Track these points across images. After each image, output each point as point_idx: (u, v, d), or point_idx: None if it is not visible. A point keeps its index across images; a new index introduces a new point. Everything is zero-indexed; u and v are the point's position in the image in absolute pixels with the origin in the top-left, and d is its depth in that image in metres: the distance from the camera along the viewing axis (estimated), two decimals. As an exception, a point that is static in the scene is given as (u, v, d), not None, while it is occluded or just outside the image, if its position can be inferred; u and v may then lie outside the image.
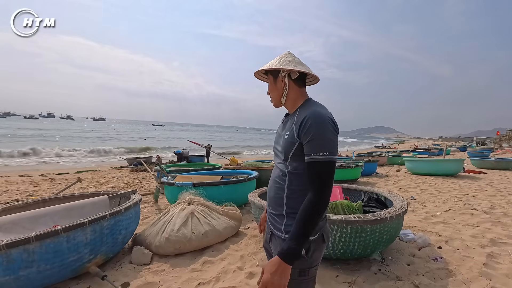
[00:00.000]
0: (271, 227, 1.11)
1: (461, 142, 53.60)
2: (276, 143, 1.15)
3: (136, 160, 11.80)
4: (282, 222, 1.05)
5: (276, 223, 1.08)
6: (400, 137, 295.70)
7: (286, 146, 1.02)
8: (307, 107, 1.03)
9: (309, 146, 0.95)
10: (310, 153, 0.94)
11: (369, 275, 2.20)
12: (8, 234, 2.13)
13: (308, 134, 0.95)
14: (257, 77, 1.22)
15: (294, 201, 1.03)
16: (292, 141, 1.00)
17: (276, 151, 1.14)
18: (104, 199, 2.89)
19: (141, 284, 2.12)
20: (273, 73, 1.10)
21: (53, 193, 4.88)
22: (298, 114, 1.04)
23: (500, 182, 7.40)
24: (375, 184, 7.16)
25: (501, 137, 34.70)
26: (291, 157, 1.02)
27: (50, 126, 58.49)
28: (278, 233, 1.06)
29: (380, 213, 2.32)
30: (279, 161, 1.10)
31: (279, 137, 1.13)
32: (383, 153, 15.91)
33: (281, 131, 1.13)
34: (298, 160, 1.01)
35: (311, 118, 0.95)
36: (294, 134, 0.99)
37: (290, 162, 1.03)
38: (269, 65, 1.09)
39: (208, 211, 3.02)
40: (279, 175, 1.08)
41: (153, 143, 30.08)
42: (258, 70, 1.13)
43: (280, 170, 1.08)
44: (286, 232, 1.03)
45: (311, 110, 0.99)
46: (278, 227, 1.06)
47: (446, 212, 4.17)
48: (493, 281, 2.13)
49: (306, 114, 0.97)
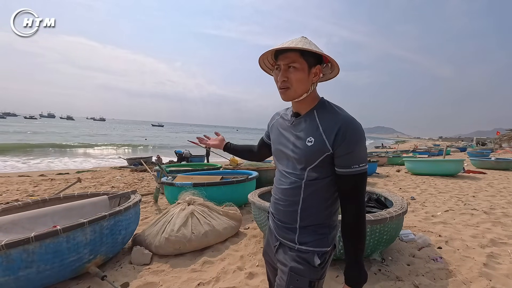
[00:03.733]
0: (279, 238, 1.01)
1: (461, 142, 53.62)
2: (282, 145, 0.99)
3: (136, 160, 11.80)
4: (295, 234, 0.96)
5: (285, 234, 0.99)
6: (400, 137, 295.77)
7: (309, 155, 0.89)
8: (331, 111, 0.91)
9: (348, 158, 0.85)
10: (349, 166, 0.85)
11: (369, 275, 2.18)
12: (8, 234, 2.12)
13: (348, 146, 0.84)
14: (262, 67, 1.03)
15: (310, 215, 0.94)
16: (321, 150, 0.87)
17: (285, 153, 0.97)
18: (104, 199, 2.89)
19: (141, 284, 2.11)
20: (310, 60, 0.89)
21: (53, 193, 4.88)
22: (320, 118, 0.91)
23: (500, 182, 7.40)
24: (375, 184, 7.15)
25: (501, 137, 34.69)
26: (313, 167, 0.90)
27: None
28: (290, 243, 0.97)
29: (380, 213, 2.32)
30: (289, 168, 0.96)
31: (288, 139, 0.97)
32: (383, 153, 15.91)
33: (291, 132, 0.97)
34: (319, 171, 0.90)
35: (350, 128, 0.85)
36: (326, 143, 0.86)
37: (309, 172, 0.91)
38: (309, 46, 0.86)
39: (208, 211, 3.02)
40: (292, 186, 0.94)
41: (153, 141, 30.20)
42: (303, 48, 0.84)
43: (292, 181, 0.94)
44: (301, 243, 0.94)
45: (345, 118, 0.87)
46: (289, 238, 0.97)
47: (446, 212, 4.17)
48: (493, 281, 2.13)
49: (341, 122, 0.86)
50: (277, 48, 0.87)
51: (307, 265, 0.92)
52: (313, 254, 0.93)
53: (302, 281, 0.91)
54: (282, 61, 0.89)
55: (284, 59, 0.89)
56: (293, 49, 0.87)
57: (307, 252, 0.93)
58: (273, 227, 1.05)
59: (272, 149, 1.08)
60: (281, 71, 0.90)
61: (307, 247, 0.94)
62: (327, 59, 0.91)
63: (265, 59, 0.99)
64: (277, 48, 0.87)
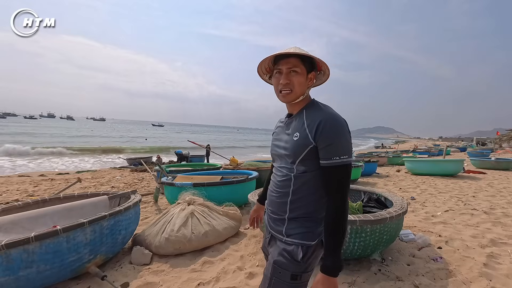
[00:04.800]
0: (271, 230, 1.09)
1: (461, 142, 53.64)
2: (276, 146, 1.09)
3: (136, 160, 11.81)
4: (283, 225, 1.03)
5: (276, 226, 1.06)
6: (400, 137, 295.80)
7: (295, 148, 0.97)
8: (317, 108, 1.00)
9: (329, 150, 0.91)
10: (330, 157, 0.91)
11: (369, 275, 2.19)
12: (8, 234, 2.12)
13: (327, 138, 0.91)
14: (259, 71, 1.11)
15: (298, 206, 1.00)
16: (305, 143, 0.95)
17: (278, 153, 1.07)
18: (104, 199, 2.89)
19: (141, 284, 2.11)
20: (307, 66, 1.00)
21: (53, 193, 4.88)
22: (306, 115, 0.99)
23: (500, 182, 7.40)
24: (375, 184, 7.15)
25: (501, 137, 34.70)
26: (300, 160, 0.97)
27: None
28: (279, 235, 1.04)
29: (380, 213, 2.32)
30: (282, 164, 1.05)
31: (280, 139, 1.08)
32: (383, 153, 15.91)
33: (284, 132, 1.07)
34: (307, 164, 0.97)
35: (329, 121, 0.92)
36: (308, 136, 0.94)
37: (297, 166, 0.99)
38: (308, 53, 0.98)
39: (208, 211, 3.02)
40: (283, 179, 1.03)
41: (156, 142, 30.24)
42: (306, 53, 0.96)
43: (284, 174, 1.03)
44: (288, 235, 1.01)
45: (327, 113, 0.95)
46: (278, 230, 1.05)
47: (446, 213, 4.17)
48: (493, 281, 2.13)
49: (322, 117, 0.94)
50: (281, 53, 0.97)
51: (290, 259, 0.97)
52: (297, 247, 0.98)
53: (284, 274, 0.96)
54: (284, 65, 0.98)
55: (287, 63, 0.98)
56: (294, 55, 0.97)
57: (291, 244, 0.99)
58: (267, 220, 1.13)
59: (270, 152, 1.16)
60: (284, 75, 0.98)
61: (292, 239, 0.99)
62: (321, 67, 1.04)
63: (264, 64, 1.07)
64: (281, 53, 0.97)
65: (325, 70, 1.05)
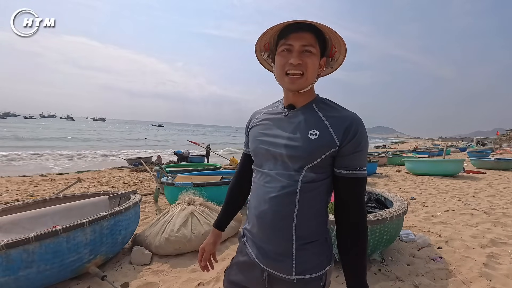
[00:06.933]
0: (267, 269, 0.79)
1: (461, 143, 53.68)
2: (271, 144, 0.81)
3: (136, 160, 11.80)
4: (291, 260, 0.76)
5: (276, 262, 0.78)
6: (400, 137, 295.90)
7: (313, 150, 0.74)
8: (332, 105, 0.80)
9: (355, 157, 0.74)
10: (354, 167, 0.74)
11: (369, 275, 2.19)
12: (8, 234, 2.12)
13: (357, 144, 0.74)
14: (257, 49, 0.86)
15: (307, 231, 0.78)
16: (328, 145, 0.74)
17: (274, 153, 0.80)
18: (104, 199, 2.89)
19: (141, 284, 2.11)
20: (322, 48, 0.78)
21: (53, 193, 4.88)
22: (322, 111, 0.79)
23: (500, 182, 7.40)
24: (375, 184, 7.15)
25: (501, 137, 34.70)
26: (313, 165, 0.75)
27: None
28: (285, 276, 0.77)
29: (380, 213, 2.32)
30: (279, 169, 0.78)
31: (279, 135, 0.80)
32: (383, 153, 15.91)
33: (286, 126, 0.80)
34: (318, 171, 0.76)
35: (361, 125, 0.75)
36: (333, 138, 0.74)
37: (307, 172, 0.76)
38: (333, 30, 0.74)
39: (208, 211, 3.02)
40: (284, 192, 0.76)
41: (154, 143, 30.27)
42: (323, 25, 0.72)
43: (285, 184, 0.76)
44: (299, 272, 0.76)
45: (354, 114, 0.77)
46: (282, 268, 0.77)
47: (446, 213, 4.17)
48: (493, 281, 2.13)
49: (352, 118, 0.75)
50: (297, 21, 0.71)
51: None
52: (317, 280, 0.77)
53: None
54: (297, 41, 0.74)
55: (300, 39, 0.74)
56: (309, 30, 0.74)
57: (307, 281, 0.76)
58: (255, 255, 0.82)
59: (253, 151, 0.88)
60: (296, 53, 0.74)
61: (309, 274, 0.76)
62: (333, 54, 0.82)
63: (266, 37, 0.80)
64: (297, 21, 0.71)
65: (339, 57, 0.83)
